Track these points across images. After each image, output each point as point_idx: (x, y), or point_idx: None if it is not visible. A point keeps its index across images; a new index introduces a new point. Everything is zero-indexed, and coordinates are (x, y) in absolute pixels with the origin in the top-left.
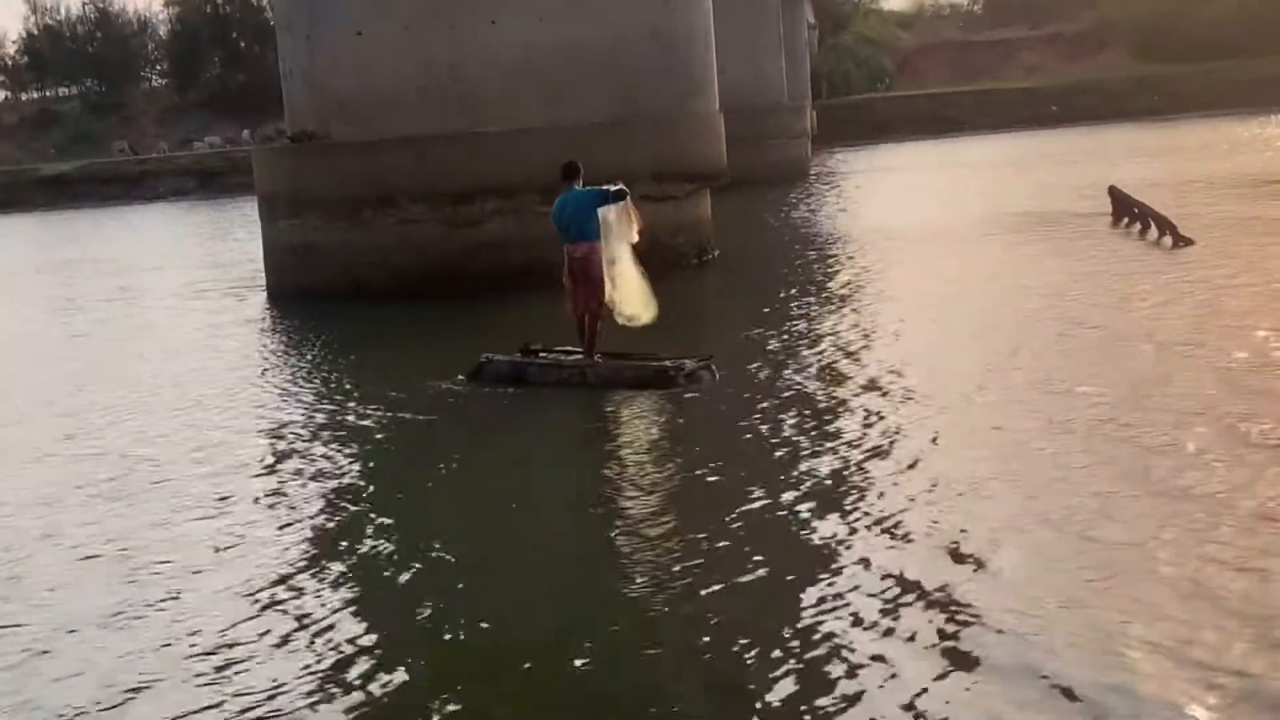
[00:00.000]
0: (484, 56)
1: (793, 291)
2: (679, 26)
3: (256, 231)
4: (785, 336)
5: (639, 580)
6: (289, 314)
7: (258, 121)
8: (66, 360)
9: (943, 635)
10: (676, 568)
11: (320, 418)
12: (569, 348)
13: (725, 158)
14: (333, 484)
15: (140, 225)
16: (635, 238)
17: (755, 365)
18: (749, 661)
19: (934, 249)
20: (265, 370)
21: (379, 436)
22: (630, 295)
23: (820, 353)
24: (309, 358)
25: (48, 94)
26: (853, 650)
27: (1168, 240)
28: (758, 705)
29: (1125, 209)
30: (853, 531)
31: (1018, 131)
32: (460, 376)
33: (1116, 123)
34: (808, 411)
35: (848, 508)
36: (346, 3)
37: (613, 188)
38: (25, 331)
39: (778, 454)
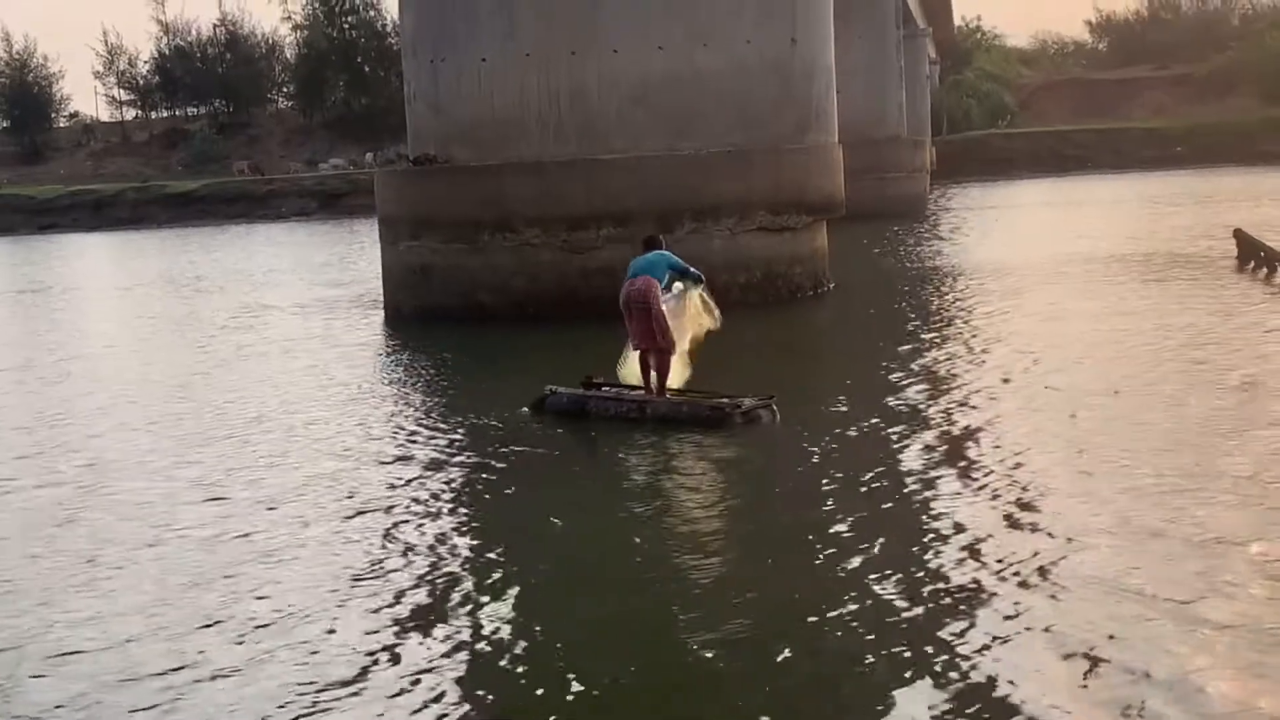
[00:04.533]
0: (604, 84)
1: (904, 329)
2: (800, 59)
3: (377, 252)
4: (883, 376)
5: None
6: (403, 335)
7: (379, 144)
8: (189, 379)
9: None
10: (706, 617)
11: (388, 445)
12: (630, 382)
13: (843, 190)
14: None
15: (264, 244)
16: (713, 324)
17: (834, 405)
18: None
19: (1052, 290)
20: (357, 395)
21: (427, 471)
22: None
23: (910, 399)
24: (407, 381)
25: (176, 113)
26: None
27: None
28: None
29: (1251, 252)
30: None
31: (1141, 172)
32: (524, 409)
33: (1244, 166)
34: (861, 463)
35: (876, 568)
36: (472, 29)
37: (693, 269)
38: (154, 340)
39: (810, 504)
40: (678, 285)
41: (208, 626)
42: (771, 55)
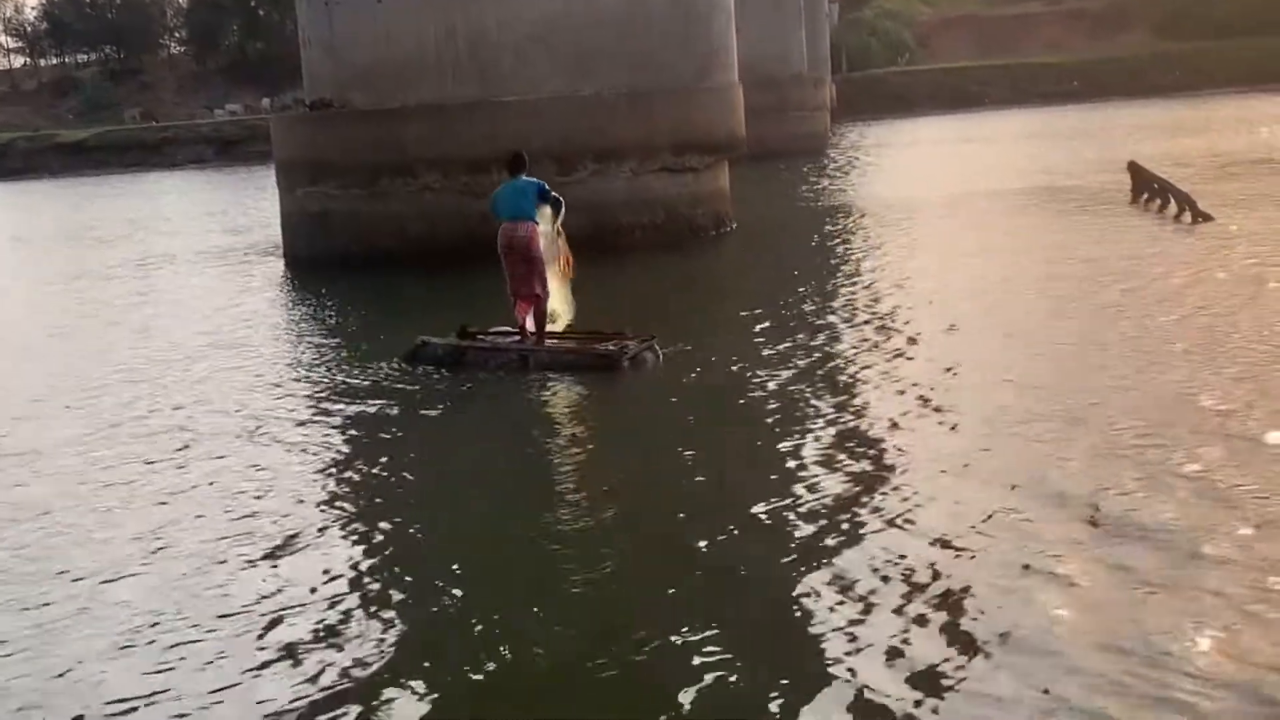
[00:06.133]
0: (503, 25)
1: (803, 268)
2: None
3: (276, 199)
4: (780, 316)
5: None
6: (299, 283)
7: (276, 89)
8: (72, 331)
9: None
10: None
11: (248, 397)
12: (506, 328)
13: (744, 129)
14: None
15: (160, 192)
16: (564, 268)
17: (728, 346)
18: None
19: (952, 224)
20: (235, 344)
21: (278, 424)
22: (555, 294)
23: (804, 338)
24: (291, 331)
25: (66, 60)
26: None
27: (1187, 216)
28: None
29: (1145, 184)
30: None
31: (1039, 107)
32: (396, 359)
33: (1138, 99)
34: (740, 398)
35: (761, 498)
36: None
37: (554, 193)
38: (49, 298)
39: (695, 444)
40: (545, 210)
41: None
42: None
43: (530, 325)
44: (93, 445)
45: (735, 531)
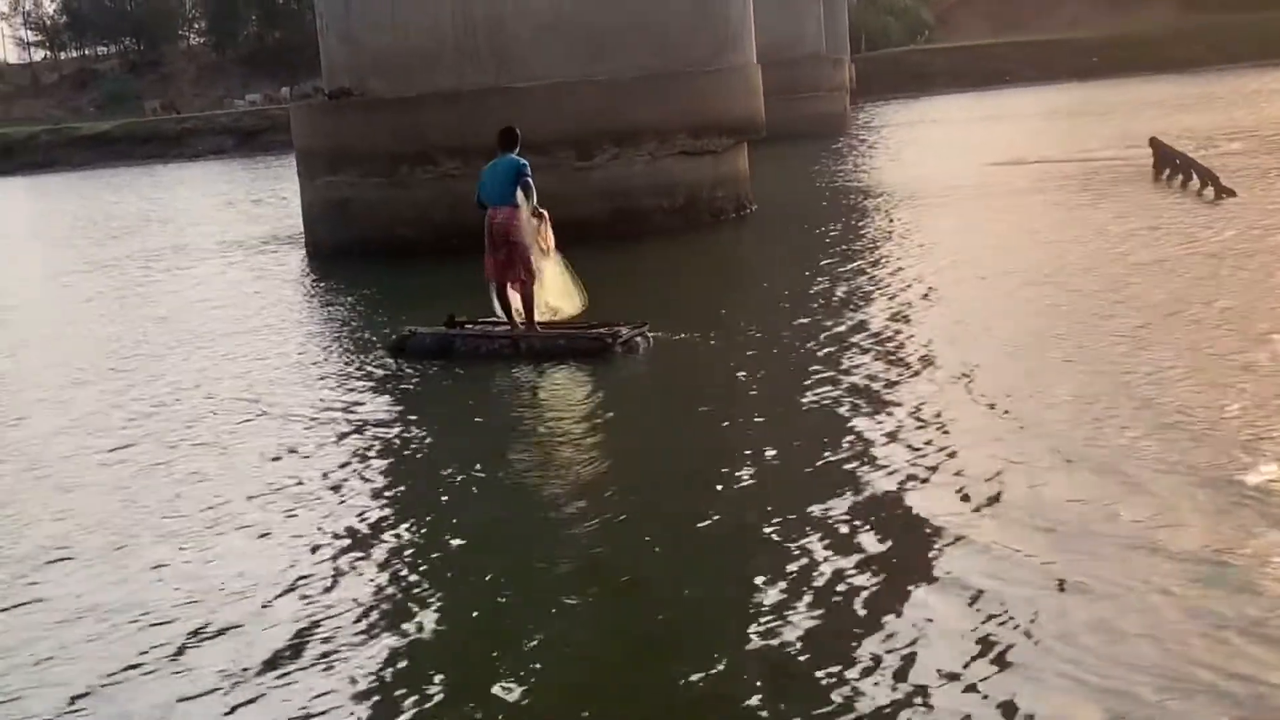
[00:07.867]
0: (520, 11)
1: (825, 250)
2: None
3: (296, 188)
4: (801, 298)
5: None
6: (318, 272)
7: (295, 79)
8: (76, 320)
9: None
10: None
11: (226, 389)
12: (495, 318)
13: (763, 111)
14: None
15: (179, 183)
16: (545, 247)
17: (727, 333)
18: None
19: (972, 204)
20: (236, 332)
21: (254, 418)
22: (551, 286)
23: (806, 324)
24: (298, 320)
25: (86, 53)
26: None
27: (1209, 192)
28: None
29: (1167, 160)
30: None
31: (1060, 83)
32: (380, 350)
33: (1161, 74)
34: (729, 385)
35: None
36: None
37: (527, 176)
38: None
39: (677, 428)
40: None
41: None
42: None
43: (519, 311)
44: (67, 433)
45: (740, 515)
